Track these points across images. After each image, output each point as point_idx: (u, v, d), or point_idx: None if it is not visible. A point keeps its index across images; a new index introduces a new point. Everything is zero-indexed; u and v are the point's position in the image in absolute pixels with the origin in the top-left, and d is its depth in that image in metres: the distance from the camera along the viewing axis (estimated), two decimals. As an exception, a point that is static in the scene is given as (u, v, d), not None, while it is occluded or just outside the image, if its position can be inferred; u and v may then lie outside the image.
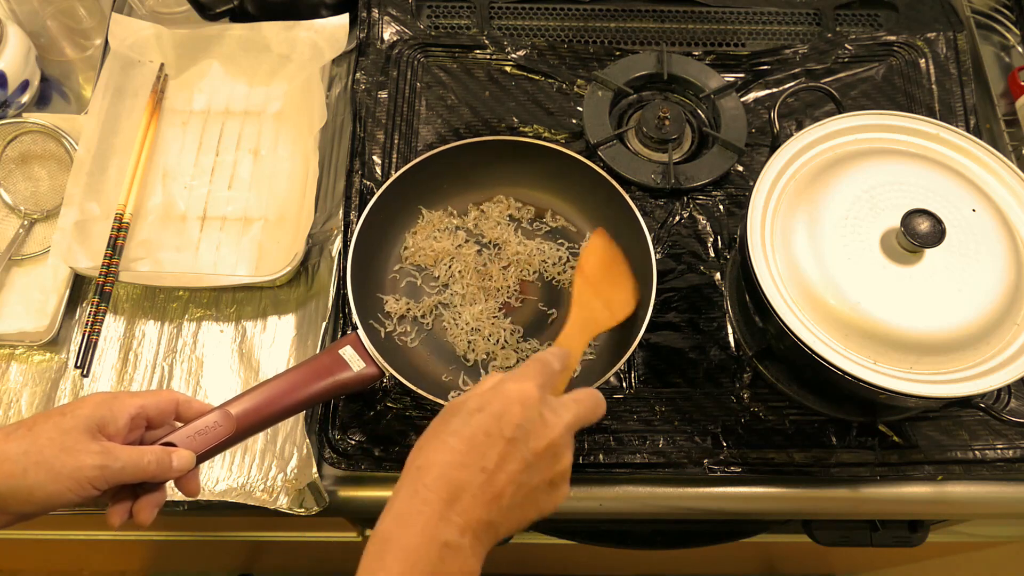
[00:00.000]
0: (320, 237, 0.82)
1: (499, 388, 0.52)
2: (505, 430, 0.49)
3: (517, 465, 0.49)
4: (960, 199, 0.66)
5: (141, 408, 0.57)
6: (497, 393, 0.51)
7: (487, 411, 0.50)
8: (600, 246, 0.72)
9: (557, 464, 0.52)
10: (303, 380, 0.64)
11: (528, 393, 0.51)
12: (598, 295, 0.68)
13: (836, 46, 0.94)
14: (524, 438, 0.50)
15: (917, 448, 0.74)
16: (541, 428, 0.51)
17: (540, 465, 0.50)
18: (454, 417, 0.51)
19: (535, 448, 0.50)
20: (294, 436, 0.73)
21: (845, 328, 0.63)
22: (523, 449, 0.50)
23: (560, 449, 0.51)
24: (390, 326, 0.76)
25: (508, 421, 0.50)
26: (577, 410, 0.53)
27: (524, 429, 0.50)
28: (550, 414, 0.52)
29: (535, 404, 0.51)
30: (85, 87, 0.93)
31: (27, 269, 0.81)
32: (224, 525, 0.98)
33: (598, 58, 0.93)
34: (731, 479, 0.73)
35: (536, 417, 0.51)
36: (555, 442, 0.51)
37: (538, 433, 0.50)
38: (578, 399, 0.54)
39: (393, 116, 0.88)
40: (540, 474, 0.51)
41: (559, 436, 0.51)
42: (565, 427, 0.52)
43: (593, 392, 0.56)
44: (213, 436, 0.59)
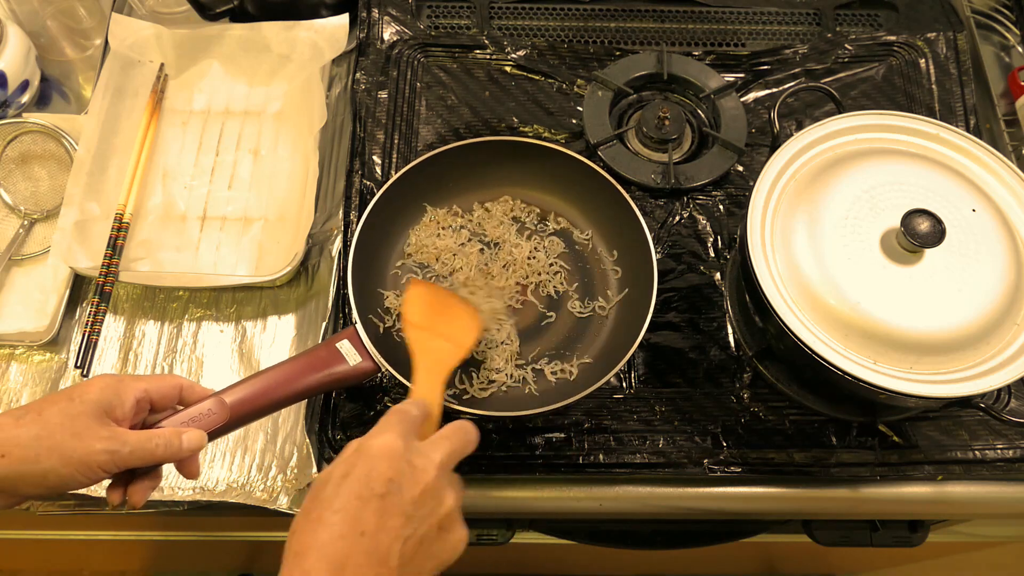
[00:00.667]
0: (320, 237, 0.82)
1: (361, 450, 0.50)
2: (376, 488, 0.48)
3: (397, 520, 0.48)
4: (960, 199, 0.66)
5: (146, 392, 0.57)
6: (360, 455, 0.50)
7: (354, 475, 0.49)
8: (417, 293, 0.70)
9: (440, 507, 0.50)
10: (299, 372, 0.64)
11: (391, 445, 0.50)
12: (437, 335, 0.67)
13: (836, 46, 0.94)
14: (397, 491, 0.48)
15: (917, 448, 0.74)
16: (412, 476, 0.49)
17: (420, 513, 0.49)
18: (323, 491, 0.49)
19: (411, 497, 0.49)
20: (294, 436, 0.73)
21: (845, 328, 0.63)
22: (399, 502, 0.48)
23: (438, 492, 0.50)
24: (389, 321, 0.76)
25: (376, 478, 0.48)
26: (447, 447, 0.53)
27: (395, 483, 0.49)
28: (419, 459, 0.51)
29: (401, 454, 0.50)
30: (85, 87, 0.93)
31: (27, 269, 0.81)
32: (224, 525, 0.98)
33: (598, 58, 0.93)
34: (731, 479, 0.73)
35: (405, 466, 0.50)
36: (430, 486, 0.50)
37: (410, 481, 0.49)
38: (446, 435, 0.54)
39: (393, 116, 0.88)
40: (424, 522, 0.49)
41: (433, 479, 0.50)
42: (437, 468, 0.51)
43: (461, 425, 0.55)
44: (207, 423, 0.59)
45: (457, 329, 0.69)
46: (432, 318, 0.68)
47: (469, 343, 0.68)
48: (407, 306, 0.69)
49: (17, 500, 0.55)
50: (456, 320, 0.70)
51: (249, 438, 0.74)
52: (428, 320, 0.68)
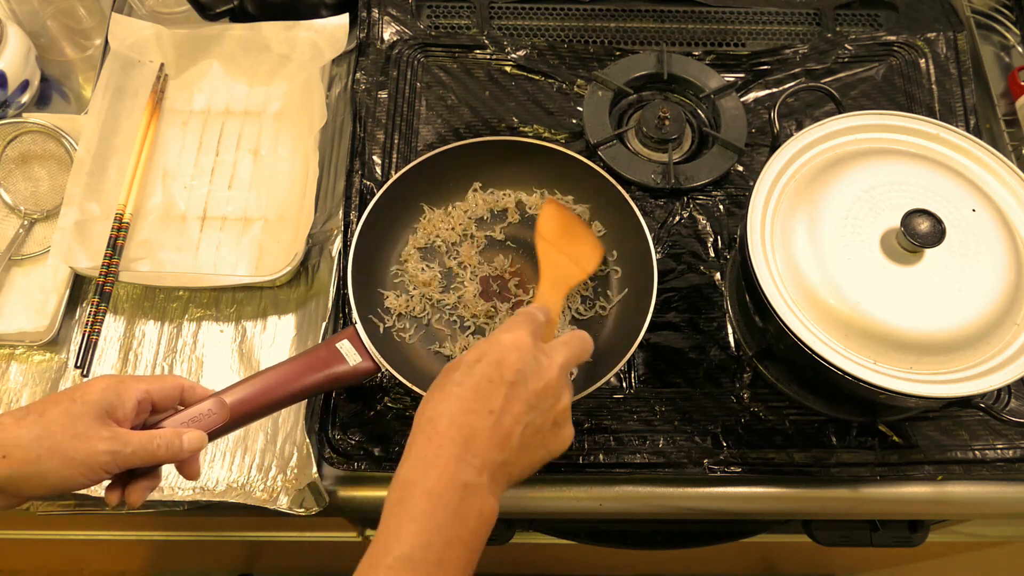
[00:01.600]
0: (320, 237, 0.82)
1: (494, 339, 0.54)
2: (506, 375, 0.52)
3: (521, 406, 0.52)
4: (960, 199, 0.66)
5: (147, 393, 0.58)
6: (492, 344, 0.54)
7: (486, 360, 0.53)
8: (553, 211, 0.75)
9: (558, 403, 0.54)
10: (299, 372, 0.64)
11: (522, 340, 0.54)
12: (562, 252, 0.72)
13: (836, 46, 0.94)
14: (523, 381, 0.52)
15: (917, 448, 0.74)
16: (537, 370, 0.53)
17: (542, 405, 0.53)
18: (455, 371, 0.53)
19: (535, 389, 0.53)
20: (294, 436, 0.73)
21: (845, 328, 0.63)
22: (524, 391, 0.52)
23: (558, 389, 0.54)
24: (389, 322, 0.76)
25: (507, 366, 0.52)
26: (567, 351, 0.57)
27: (523, 373, 0.53)
28: (544, 357, 0.55)
29: (529, 349, 0.54)
30: (85, 87, 0.93)
31: (27, 269, 0.81)
32: (224, 525, 0.98)
33: (598, 58, 0.93)
34: (731, 479, 0.73)
35: (532, 361, 0.53)
36: (552, 382, 0.54)
37: (536, 375, 0.53)
38: (566, 341, 0.58)
39: (393, 116, 0.88)
40: (543, 414, 0.53)
41: (555, 377, 0.54)
42: (559, 368, 0.55)
43: (579, 333, 0.59)
44: (207, 423, 0.60)
45: (581, 252, 0.73)
46: (560, 235, 0.73)
47: (590, 268, 0.73)
48: (541, 220, 0.74)
49: (19, 501, 0.55)
50: (582, 244, 0.74)
51: (249, 438, 0.74)
52: (557, 236, 0.73)
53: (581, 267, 0.72)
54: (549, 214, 0.75)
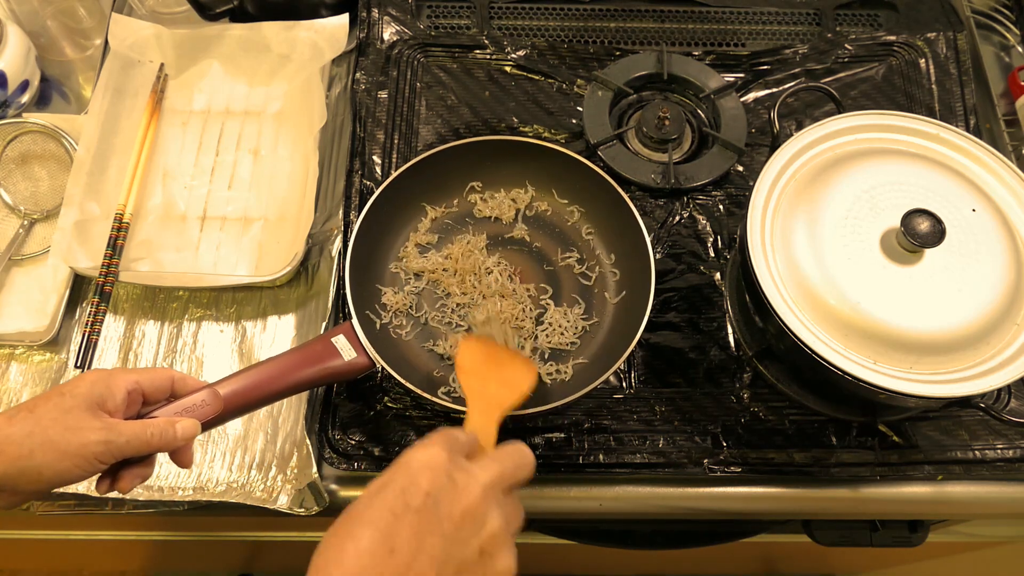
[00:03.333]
0: (320, 237, 0.82)
1: (401, 463, 0.47)
2: (412, 502, 0.44)
3: (434, 539, 0.43)
4: (960, 199, 0.66)
5: (137, 384, 0.58)
6: (399, 467, 0.46)
7: (390, 487, 0.45)
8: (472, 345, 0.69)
9: (482, 530, 0.45)
10: (293, 365, 0.64)
11: (434, 457, 0.46)
12: (488, 381, 0.65)
13: (836, 46, 0.94)
14: (434, 506, 0.44)
15: (917, 448, 0.74)
16: (453, 492, 0.45)
17: (460, 535, 0.44)
18: (356, 505, 0.45)
19: (450, 515, 0.44)
20: (294, 436, 0.73)
21: (845, 328, 0.63)
22: (435, 519, 0.44)
23: (481, 514, 0.46)
24: (386, 317, 0.76)
25: (414, 491, 0.44)
26: (496, 468, 0.48)
27: (433, 497, 0.44)
28: (462, 475, 0.46)
29: (443, 467, 0.46)
30: (85, 87, 0.93)
31: (27, 269, 0.81)
32: (224, 525, 0.98)
33: (598, 58, 0.93)
34: (731, 479, 0.73)
35: (445, 482, 0.45)
36: (472, 506, 0.45)
37: (451, 497, 0.45)
38: (496, 457, 0.49)
39: (393, 116, 0.88)
40: (464, 546, 0.44)
41: (477, 499, 0.46)
42: (483, 488, 0.46)
43: (518, 447, 0.51)
44: (200, 414, 0.60)
45: (512, 375, 0.67)
46: (485, 365, 0.67)
47: (525, 388, 0.65)
48: (461, 356, 0.67)
49: (18, 499, 0.55)
50: (511, 367, 0.68)
51: (249, 438, 0.74)
52: (481, 367, 0.66)
53: (513, 389, 0.65)
54: (468, 348, 0.68)
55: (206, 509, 0.72)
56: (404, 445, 0.73)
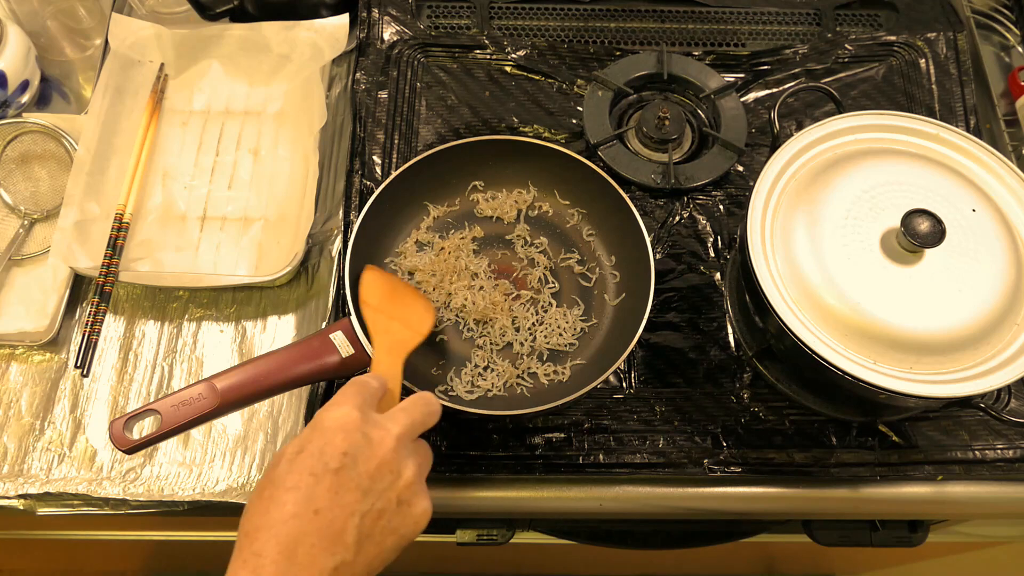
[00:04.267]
0: (320, 237, 0.82)
1: (316, 423, 0.49)
2: (330, 463, 0.47)
3: (352, 495, 0.47)
4: (960, 199, 0.66)
5: None
6: (314, 429, 0.49)
7: (308, 450, 0.48)
8: (374, 277, 0.71)
9: (398, 480, 0.49)
10: (291, 361, 0.64)
11: (347, 417, 0.49)
12: (392, 318, 0.67)
13: (836, 46, 0.94)
14: (352, 464, 0.47)
15: (917, 448, 0.74)
16: (368, 448, 0.48)
17: (378, 487, 0.48)
18: (276, 469, 0.48)
19: (367, 471, 0.48)
20: (294, 436, 0.73)
21: (845, 328, 0.63)
22: (354, 475, 0.47)
23: (395, 464, 0.49)
24: (386, 317, 0.76)
25: (331, 452, 0.47)
26: (406, 419, 0.52)
27: (350, 455, 0.48)
28: (375, 431, 0.50)
29: (357, 426, 0.49)
30: (85, 87, 0.93)
31: (27, 269, 0.81)
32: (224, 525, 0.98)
33: (598, 58, 0.93)
34: (731, 479, 0.73)
35: (360, 439, 0.48)
36: (387, 458, 0.49)
37: (366, 455, 0.48)
38: (405, 407, 0.53)
39: (393, 116, 0.88)
40: (381, 496, 0.48)
41: (391, 452, 0.49)
42: (395, 440, 0.50)
43: (422, 396, 0.54)
44: (196, 408, 0.60)
45: (413, 314, 0.69)
46: (389, 302, 0.69)
47: (425, 330, 0.68)
48: (363, 288, 0.69)
49: None
50: (412, 309, 0.70)
51: (249, 438, 0.74)
52: (385, 303, 0.69)
53: (415, 330, 0.67)
54: (370, 280, 0.70)
55: (206, 509, 0.72)
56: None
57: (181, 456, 0.73)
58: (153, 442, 0.60)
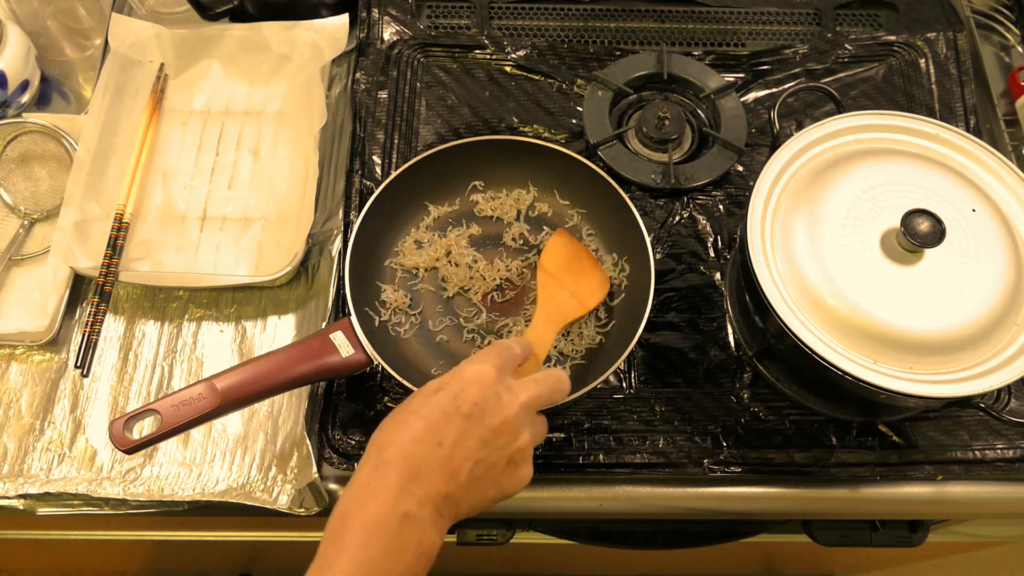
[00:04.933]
0: (320, 237, 0.82)
1: (457, 371, 0.54)
2: (462, 408, 0.52)
3: (474, 441, 0.51)
4: (960, 199, 0.66)
5: None
6: (455, 375, 0.54)
7: (444, 391, 0.53)
8: (560, 243, 0.74)
9: (514, 441, 0.53)
10: (291, 361, 0.65)
11: (485, 373, 0.53)
12: (563, 286, 0.70)
13: (836, 46, 0.94)
14: (480, 415, 0.52)
15: (917, 448, 0.74)
16: (496, 406, 0.53)
17: (497, 442, 0.52)
18: (412, 400, 0.53)
19: (491, 425, 0.52)
20: (294, 436, 0.73)
21: (845, 328, 0.63)
22: (479, 426, 0.52)
23: (516, 427, 0.53)
24: (385, 315, 0.76)
25: (465, 399, 0.52)
26: (535, 390, 0.55)
27: (479, 407, 0.52)
28: (506, 393, 0.54)
29: (491, 383, 0.53)
30: (85, 87, 0.93)
31: (27, 269, 0.81)
32: (224, 525, 0.98)
33: (598, 58, 0.93)
34: (731, 479, 0.73)
35: (492, 396, 0.53)
36: (510, 420, 0.53)
37: (494, 410, 0.52)
38: (537, 379, 0.56)
39: (393, 116, 0.88)
40: (497, 451, 0.52)
41: (515, 414, 0.53)
42: (521, 405, 0.54)
43: (554, 372, 0.58)
44: (196, 408, 0.60)
45: (584, 287, 0.72)
46: (565, 270, 0.72)
47: (592, 304, 0.71)
48: (546, 252, 0.73)
49: None
50: (587, 280, 0.73)
51: (249, 438, 0.74)
52: (561, 270, 0.72)
53: (582, 302, 0.71)
54: (555, 246, 0.73)
55: (206, 509, 0.72)
56: (404, 445, 0.72)
57: (181, 456, 0.73)
58: (153, 442, 0.60)
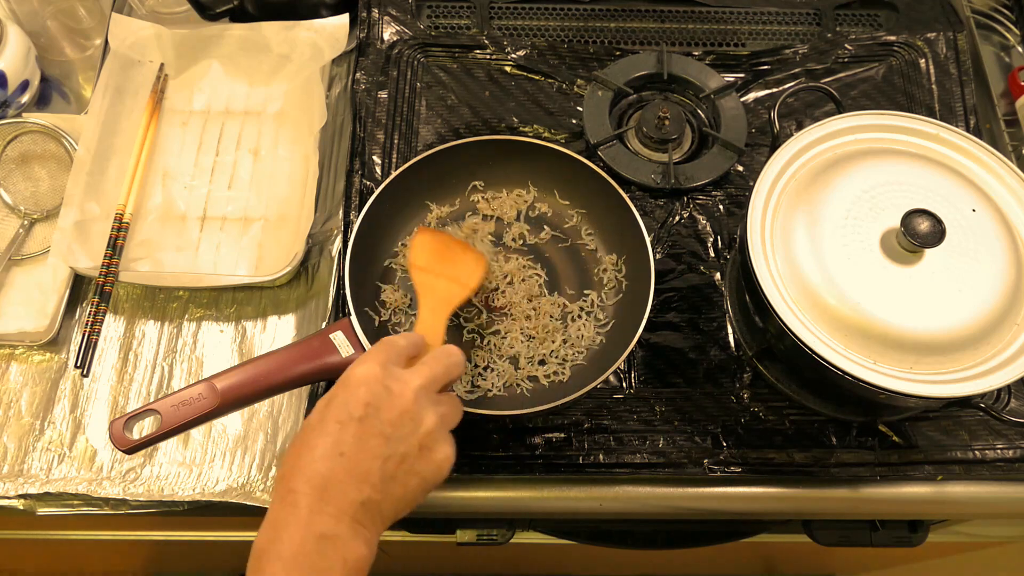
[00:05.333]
0: (320, 237, 0.82)
1: (343, 379, 0.54)
2: (354, 412, 0.52)
3: (375, 440, 0.51)
4: (960, 199, 0.66)
5: None
6: (342, 383, 0.54)
7: (335, 402, 0.53)
8: (425, 238, 0.73)
9: (419, 427, 0.53)
10: (291, 361, 0.65)
11: (369, 372, 0.54)
12: (440, 276, 0.70)
13: (836, 46, 0.94)
14: (375, 413, 0.52)
15: (917, 448, 0.74)
16: (389, 399, 0.53)
17: (399, 434, 0.52)
18: (308, 422, 0.53)
19: (388, 419, 0.52)
20: (294, 436, 0.73)
21: (845, 328, 0.63)
22: (377, 423, 0.52)
23: (417, 413, 0.53)
24: (385, 315, 0.76)
25: (355, 403, 0.52)
26: (427, 371, 0.56)
27: (372, 406, 0.52)
28: (396, 384, 0.54)
29: (378, 379, 0.53)
30: (85, 87, 0.93)
31: (27, 269, 0.81)
32: (224, 525, 0.98)
33: (598, 58, 0.93)
34: (731, 479, 0.73)
35: (382, 391, 0.53)
36: (407, 408, 0.53)
37: (387, 405, 0.53)
38: (426, 361, 0.56)
39: (393, 116, 0.88)
40: (403, 442, 0.53)
41: (410, 402, 0.53)
42: (415, 391, 0.54)
43: (446, 349, 0.58)
44: (196, 408, 0.60)
45: (462, 270, 0.71)
46: (437, 262, 0.71)
47: (474, 283, 0.71)
48: (413, 251, 0.71)
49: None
50: (461, 262, 0.72)
51: (249, 438, 0.74)
52: (433, 263, 0.71)
53: (463, 284, 0.70)
54: (421, 242, 0.72)
55: (206, 509, 0.72)
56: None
57: (181, 456, 0.73)
58: (153, 442, 0.60)
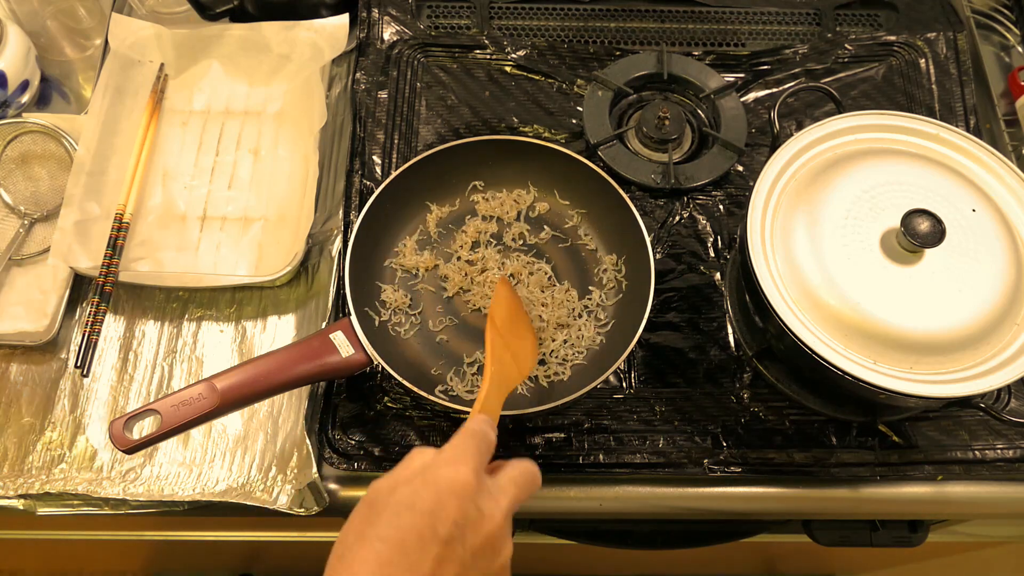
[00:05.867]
0: (320, 237, 0.82)
1: (430, 476, 0.46)
2: (440, 530, 0.44)
3: (453, 568, 0.44)
4: (960, 199, 0.66)
5: None
6: (427, 483, 0.46)
7: (418, 508, 0.45)
8: (505, 295, 0.68)
9: (497, 558, 0.47)
10: (291, 361, 0.65)
11: (464, 482, 0.46)
12: (508, 348, 0.64)
13: (836, 46, 0.94)
14: (460, 536, 0.45)
15: (917, 448, 0.74)
16: (479, 522, 0.46)
17: (479, 564, 0.46)
18: (380, 516, 0.45)
19: (473, 545, 0.45)
20: (294, 436, 0.73)
21: (845, 328, 0.63)
22: (459, 549, 0.45)
23: (499, 541, 0.47)
24: (385, 315, 0.76)
25: (443, 519, 0.44)
26: (515, 493, 0.49)
27: (460, 526, 0.45)
28: (488, 503, 0.47)
29: (471, 495, 0.46)
30: (85, 87, 0.93)
31: (27, 269, 0.81)
32: (224, 525, 0.98)
33: (598, 58, 0.93)
34: (731, 479, 0.73)
35: (473, 510, 0.46)
36: (494, 535, 0.46)
37: (476, 527, 0.46)
38: (515, 479, 0.50)
39: (393, 116, 0.88)
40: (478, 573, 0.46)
41: (498, 528, 0.47)
42: (504, 516, 0.47)
43: (529, 467, 0.52)
44: (196, 408, 0.60)
45: (523, 350, 0.67)
46: (510, 327, 0.66)
47: (526, 372, 0.66)
48: (495, 304, 0.66)
49: None
50: (524, 340, 0.68)
51: (249, 438, 0.74)
52: (507, 327, 0.66)
53: (520, 370, 0.65)
54: (502, 297, 0.67)
55: (206, 509, 0.72)
56: (404, 445, 0.73)
57: (181, 456, 0.73)
58: (153, 442, 0.60)
